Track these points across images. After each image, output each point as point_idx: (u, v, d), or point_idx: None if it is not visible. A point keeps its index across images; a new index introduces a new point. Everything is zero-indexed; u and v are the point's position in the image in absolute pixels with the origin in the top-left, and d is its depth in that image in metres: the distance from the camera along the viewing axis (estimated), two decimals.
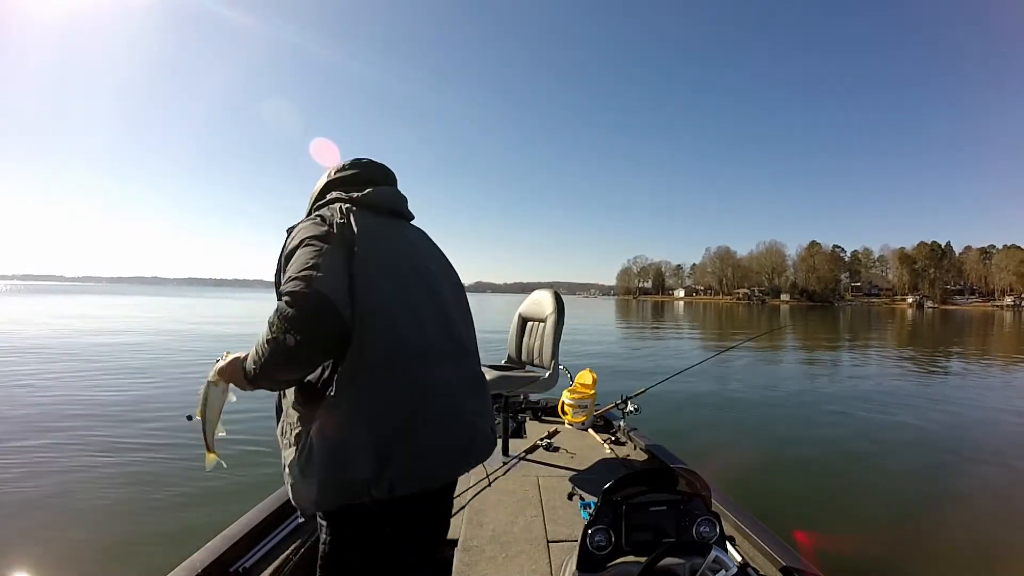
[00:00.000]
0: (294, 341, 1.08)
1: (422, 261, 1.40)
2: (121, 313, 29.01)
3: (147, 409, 6.82)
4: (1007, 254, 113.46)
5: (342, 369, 1.16)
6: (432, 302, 1.34)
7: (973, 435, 6.65)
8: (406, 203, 1.52)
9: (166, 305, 41.56)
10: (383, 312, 1.20)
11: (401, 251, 1.36)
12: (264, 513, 2.30)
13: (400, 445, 1.17)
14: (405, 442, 1.17)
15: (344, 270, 1.18)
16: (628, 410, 3.83)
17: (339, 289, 1.14)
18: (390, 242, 1.34)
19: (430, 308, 1.32)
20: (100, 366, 10.14)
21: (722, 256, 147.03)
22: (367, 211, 1.35)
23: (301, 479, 1.20)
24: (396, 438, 1.17)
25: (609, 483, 1.65)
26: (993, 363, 14.51)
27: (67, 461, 4.82)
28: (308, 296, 1.09)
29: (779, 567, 1.99)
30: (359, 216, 1.31)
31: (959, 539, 3.77)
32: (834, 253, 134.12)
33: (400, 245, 1.37)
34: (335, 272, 1.15)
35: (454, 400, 1.27)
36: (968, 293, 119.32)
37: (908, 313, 70.68)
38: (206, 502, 4.00)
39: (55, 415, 6.38)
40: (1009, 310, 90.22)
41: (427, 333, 1.27)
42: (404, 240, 1.41)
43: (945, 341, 23.06)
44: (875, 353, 17.32)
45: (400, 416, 1.18)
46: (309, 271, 1.12)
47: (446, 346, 1.31)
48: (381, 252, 1.28)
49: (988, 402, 8.94)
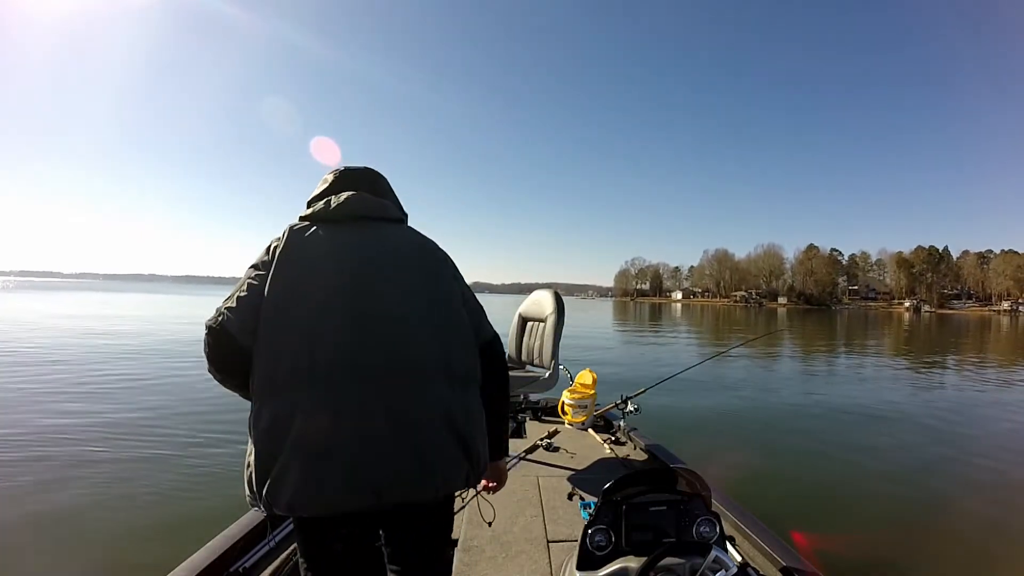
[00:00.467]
0: (207, 362, 1.25)
1: (353, 271, 1.29)
2: (117, 312, 28.96)
3: (147, 409, 6.82)
4: (1005, 259, 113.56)
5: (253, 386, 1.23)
6: (356, 319, 1.23)
7: (971, 436, 6.69)
8: (378, 205, 1.42)
9: (164, 303, 41.53)
10: (271, 335, 1.21)
11: (328, 264, 1.28)
12: (264, 513, 2.30)
13: (278, 466, 1.15)
14: (272, 472, 1.16)
15: (257, 303, 1.24)
16: (628, 410, 3.83)
17: (247, 320, 1.22)
18: (315, 257, 1.29)
19: (347, 326, 1.22)
20: (100, 367, 10.12)
21: (720, 258, 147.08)
22: (320, 224, 1.35)
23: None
24: (271, 459, 1.16)
25: (609, 483, 1.66)
26: (990, 367, 14.57)
27: (67, 461, 4.81)
28: (213, 330, 1.22)
29: (779, 567, 2.00)
30: (296, 234, 1.33)
31: (958, 538, 3.79)
32: (832, 256, 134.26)
33: (332, 257, 1.30)
34: (249, 302, 1.24)
35: (328, 427, 1.16)
36: (965, 298, 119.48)
37: (905, 317, 70.69)
38: (206, 502, 4.00)
39: (55, 415, 6.38)
40: (1006, 315, 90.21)
41: (314, 347, 1.19)
42: (342, 249, 1.31)
43: (942, 345, 23.16)
44: (873, 356, 17.36)
45: (276, 438, 1.16)
46: (225, 302, 1.25)
47: (346, 362, 1.20)
48: (294, 270, 1.27)
49: (985, 405, 9.00)
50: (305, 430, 1.15)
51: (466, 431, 1.28)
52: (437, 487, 1.23)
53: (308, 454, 1.14)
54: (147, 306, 35.86)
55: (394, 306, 1.28)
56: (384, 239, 1.37)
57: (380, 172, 1.54)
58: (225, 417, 6.37)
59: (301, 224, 1.36)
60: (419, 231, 1.50)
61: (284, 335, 1.21)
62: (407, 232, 1.45)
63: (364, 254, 1.32)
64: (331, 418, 1.16)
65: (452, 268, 1.45)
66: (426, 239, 1.47)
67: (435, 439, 1.23)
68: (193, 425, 6.08)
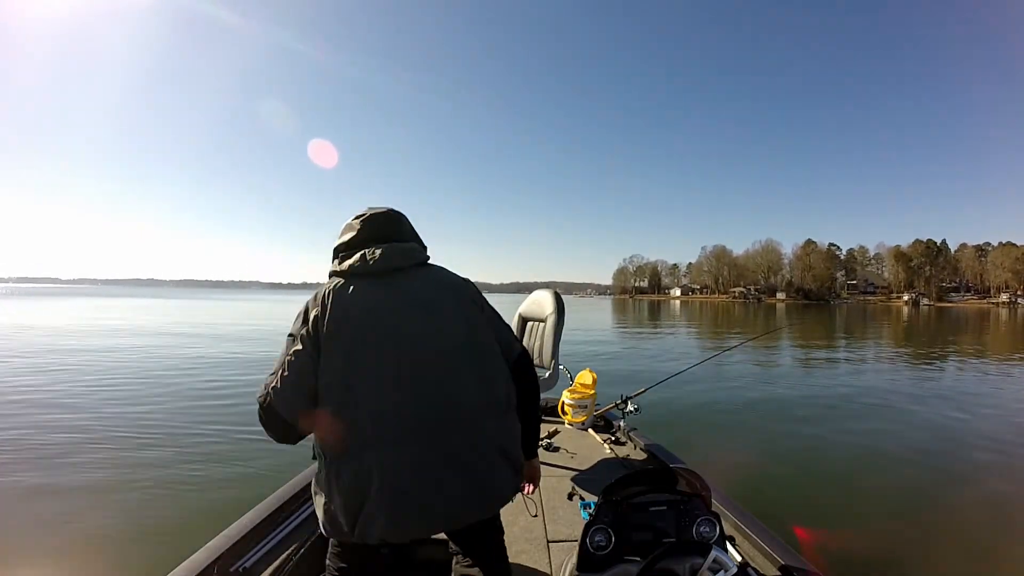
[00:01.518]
0: (263, 427, 1.40)
1: (399, 329, 1.42)
2: (119, 316, 28.93)
3: (146, 410, 6.82)
4: (1003, 251, 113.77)
5: (322, 441, 1.41)
6: (406, 373, 1.40)
7: (971, 432, 6.68)
8: (410, 254, 1.52)
9: (164, 307, 41.52)
10: (338, 411, 1.37)
11: (372, 324, 1.41)
12: (264, 513, 2.30)
13: (361, 513, 1.37)
14: (362, 512, 1.37)
15: (306, 374, 1.38)
16: (628, 410, 3.82)
17: (293, 403, 1.36)
18: (362, 323, 1.41)
19: (405, 388, 1.39)
20: (100, 367, 10.14)
21: (718, 255, 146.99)
22: (356, 280, 1.45)
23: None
24: (357, 508, 1.37)
25: (609, 483, 1.67)
26: (990, 360, 14.56)
27: (67, 462, 4.83)
28: (263, 406, 1.38)
29: (779, 567, 2.00)
30: (339, 295, 1.42)
31: (958, 536, 3.79)
32: (830, 251, 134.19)
33: (375, 317, 1.42)
34: (293, 382, 1.37)
35: (401, 481, 1.37)
36: (964, 290, 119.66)
37: (904, 311, 70.86)
38: (206, 502, 4.01)
39: (54, 416, 6.37)
40: (1005, 307, 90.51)
41: (380, 414, 1.38)
42: (382, 306, 1.43)
43: (941, 338, 23.17)
44: (872, 351, 17.41)
45: (357, 493, 1.37)
46: (272, 379, 1.38)
47: (408, 422, 1.39)
48: (347, 343, 1.39)
49: (986, 399, 8.97)
50: (383, 483, 1.35)
51: (513, 453, 1.53)
52: (494, 505, 1.51)
53: (389, 501, 1.36)
54: (147, 310, 35.84)
55: (442, 358, 1.44)
56: (421, 289, 1.49)
57: (401, 212, 1.62)
58: (225, 418, 6.41)
59: (336, 282, 1.46)
60: (441, 267, 1.61)
61: (351, 410, 1.37)
62: (436, 273, 1.56)
63: (407, 311, 1.45)
64: (402, 471, 1.37)
65: (476, 295, 1.58)
66: (451, 275, 1.59)
67: (490, 469, 1.46)
68: (193, 426, 6.10)
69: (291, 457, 4.76)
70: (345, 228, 1.55)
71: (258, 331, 20.68)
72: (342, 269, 1.47)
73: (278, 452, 5.13)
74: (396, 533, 1.38)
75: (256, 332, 20.22)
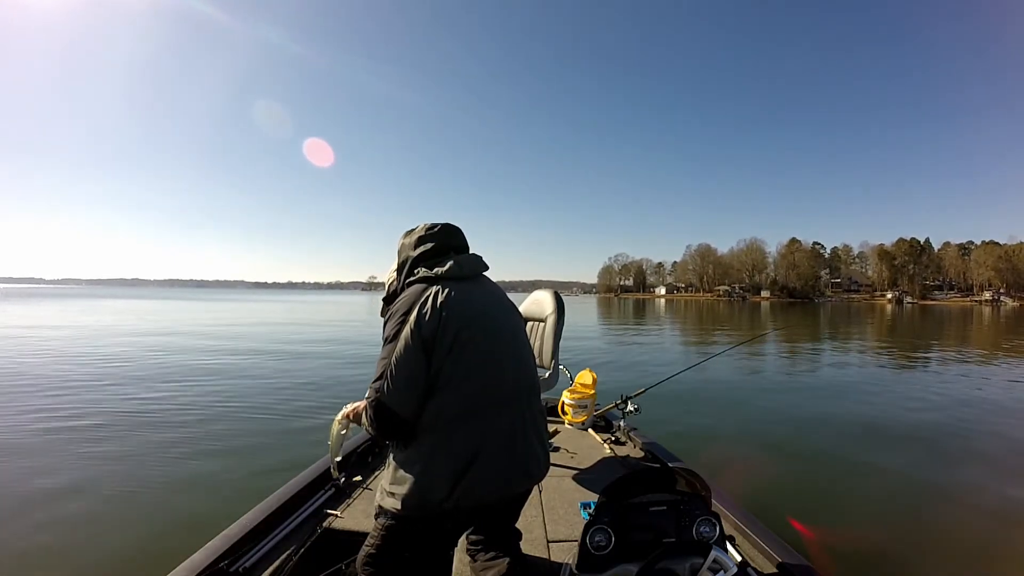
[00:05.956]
0: (373, 430, 1.59)
1: (494, 318, 1.69)
2: (111, 317, 28.48)
3: (145, 410, 6.75)
4: (985, 250, 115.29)
5: (422, 422, 1.55)
6: (500, 356, 1.65)
7: (968, 429, 6.67)
8: (480, 261, 1.79)
9: (150, 307, 40.88)
10: (457, 381, 1.55)
11: (476, 316, 1.63)
12: (264, 513, 2.31)
13: (465, 475, 1.54)
14: (467, 474, 1.54)
15: (415, 372, 1.52)
16: (628, 410, 3.83)
17: (405, 399, 1.52)
18: (468, 310, 1.61)
19: (495, 363, 1.63)
20: (100, 368, 10.02)
21: (703, 253, 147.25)
22: (450, 282, 1.64)
23: (391, 489, 1.60)
24: (464, 470, 1.54)
25: (609, 483, 1.68)
26: (975, 357, 14.67)
27: (67, 462, 4.80)
28: (376, 408, 1.54)
29: (779, 566, 2.02)
30: (441, 295, 1.60)
31: (958, 534, 3.81)
32: (814, 250, 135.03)
33: (476, 308, 1.64)
34: (404, 380, 1.52)
35: (512, 440, 1.63)
36: (947, 288, 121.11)
37: (888, 308, 71.46)
38: (206, 502, 4.00)
39: (53, 417, 6.32)
40: (987, 305, 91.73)
41: (491, 387, 1.60)
42: (479, 302, 1.67)
43: (926, 336, 23.43)
44: (858, 348, 17.54)
45: (467, 455, 1.55)
46: (381, 382, 1.53)
47: (510, 392, 1.65)
48: (458, 326, 1.57)
49: (978, 395, 8.97)
50: (494, 446, 1.59)
51: (545, 434, 1.81)
52: (535, 480, 1.72)
53: (503, 459, 1.60)
54: (132, 311, 35.27)
55: (518, 343, 1.75)
56: (495, 289, 1.80)
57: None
58: (224, 418, 6.38)
59: (436, 288, 1.62)
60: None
61: (467, 379, 1.56)
62: (491, 279, 1.85)
63: (495, 306, 1.73)
64: (510, 433, 1.63)
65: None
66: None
67: (539, 445, 1.72)
68: (193, 426, 6.07)
69: (291, 457, 4.78)
70: (419, 240, 1.75)
71: (275, 335, 19.07)
72: (438, 274, 1.65)
73: (278, 452, 5.13)
74: (502, 490, 1.61)
75: (274, 335, 18.92)
